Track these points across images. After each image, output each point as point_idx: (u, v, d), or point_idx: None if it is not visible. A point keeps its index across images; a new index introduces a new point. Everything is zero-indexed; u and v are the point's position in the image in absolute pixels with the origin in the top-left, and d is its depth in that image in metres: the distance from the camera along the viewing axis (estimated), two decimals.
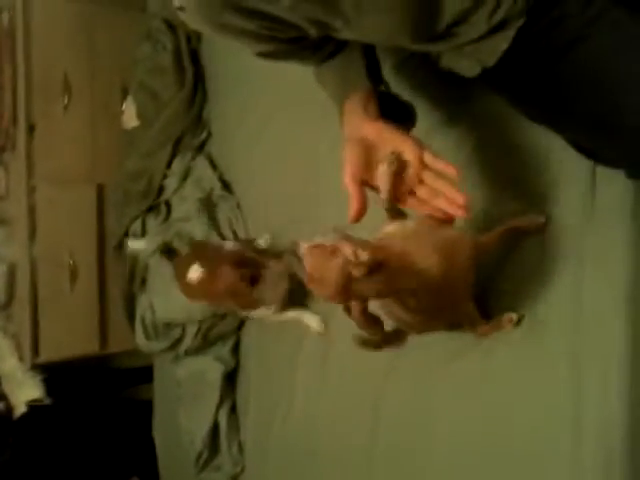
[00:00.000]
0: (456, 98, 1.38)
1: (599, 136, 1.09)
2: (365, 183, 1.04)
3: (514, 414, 1.25)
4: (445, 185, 1.03)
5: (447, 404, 1.38)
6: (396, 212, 1.10)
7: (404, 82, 1.38)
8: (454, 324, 1.30)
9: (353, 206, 1.01)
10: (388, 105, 1.11)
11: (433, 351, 1.39)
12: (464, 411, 1.34)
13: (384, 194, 1.04)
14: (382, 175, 1.02)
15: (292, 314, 1.79)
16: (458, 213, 1.02)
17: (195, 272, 1.65)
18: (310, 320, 1.76)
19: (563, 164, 1.20)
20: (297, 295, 1.79)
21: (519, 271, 1.26)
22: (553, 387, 1.19)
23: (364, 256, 0.94)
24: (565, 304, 1.19)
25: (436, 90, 1.39)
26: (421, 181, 1.04)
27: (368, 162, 1.04)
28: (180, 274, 1.83)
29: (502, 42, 1.07)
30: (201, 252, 1.84)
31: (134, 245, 2.10)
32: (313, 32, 1.01)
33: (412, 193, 1.06)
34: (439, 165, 1.03)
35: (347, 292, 0.98)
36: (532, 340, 1.23)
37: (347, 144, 1.06)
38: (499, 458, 1.26)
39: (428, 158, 1.02)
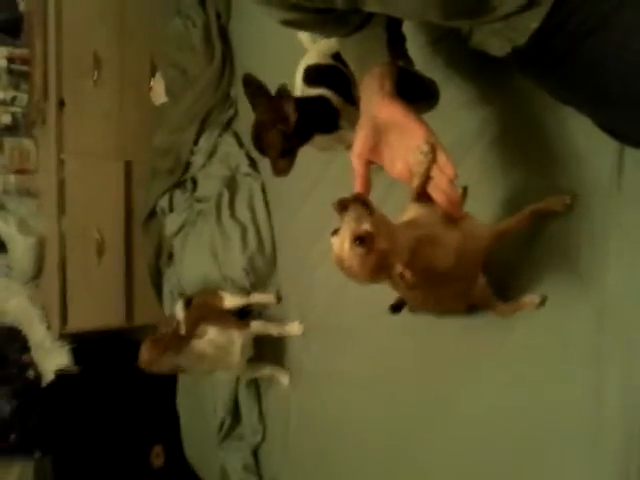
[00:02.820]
0: (486, 79, 1.38)
1: (627, 116, 1.09)
2: (371, 163, 1.04)
3: (533, 397, 1.25)
4: (442, 179, 1.03)
5: (465, 383, 1.39)
6: (423, 199, 1.09)
7: (436, 61, 1.38)
8: (472, 306, 1.32)
9: (357, 186, 1.02)
10: (409, 82, 1.10)
11: (452, 330, 1.40)
12: (481, 391, 1.35)
13: (417, 182, 1.03)
14: (419, 164, 1.01)
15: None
16: (455, 213, 1.03)
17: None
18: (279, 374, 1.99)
19: (590, 145, 1.20)
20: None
21: (543, 252, 1.26)
22: (574, 370, 1.18)
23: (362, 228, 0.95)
24: (589, 286, 1.18)
25: (466, 70, 1.39)
26: None
27: (377, 143, 1.04)
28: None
29: (533, 20, 1.07)
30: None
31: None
32: (340, 3, 1.00)
33: None
34: (442, 160, 1.02)
35: (377, 271, 0.98)
36: (554, 322, 1.23)
37: (360, 120, 1.06)
38: (517, 441, 1.27)
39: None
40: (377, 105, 1.04)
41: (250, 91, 1.38)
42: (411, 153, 1.01)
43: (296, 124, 1.35)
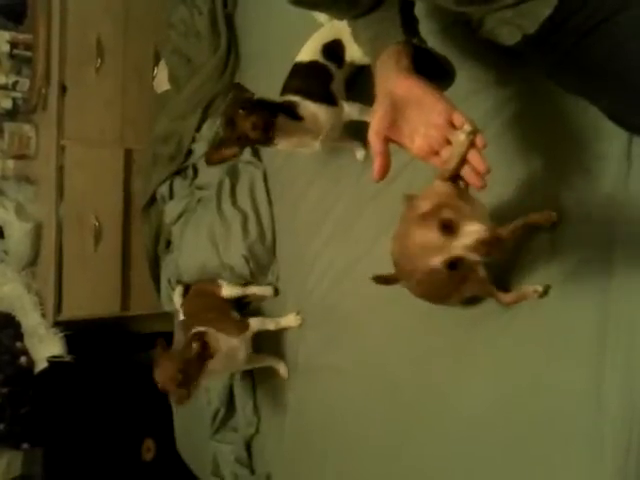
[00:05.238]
0: (497, 65, 1.37)
1: (635, 106, 1.08)
2: (389, 140, 1.02)
3: (532, 390, 1.25)
4: (472, 152, 0.99)
5: (463, 375, 1.39)
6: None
7: (447, 46, 1.36)
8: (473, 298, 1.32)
9: (377, 163, 1.00)
10: (425, 62, 1.08)
11: (456, 318, 1.40)
12: (480, 384, 1.35)
13: (451, 164, 0.99)
14: (460, 145, 0.97)
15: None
16: (477, 184, 0.99)
17: None
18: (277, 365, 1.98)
19: (599, 136, 1.20)
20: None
21: (550, 244, 1.25)
22: (576, 364, 1.18)
23: None
24: (595, 277, 1.18)
25: (477, 56, 1.38)
26: (448, 142, 1.00)
27: (395, 119, 1.01)
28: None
29: (545, 7, 1.07)
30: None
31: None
32: None
33: (437, 153, 1.02)
34: (461, 120, 0.98)
35: None
36: (556, 312, 1.23)
37: (377, 98, 1.03)
38: (515, 434, 1.27)
39: (457, 120, 0.98)
40: (394, 81, 1.01)
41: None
42: (432, 128, 0.99)
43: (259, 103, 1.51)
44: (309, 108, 1.56)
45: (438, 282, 1.19)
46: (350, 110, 1.59)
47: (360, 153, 1.69)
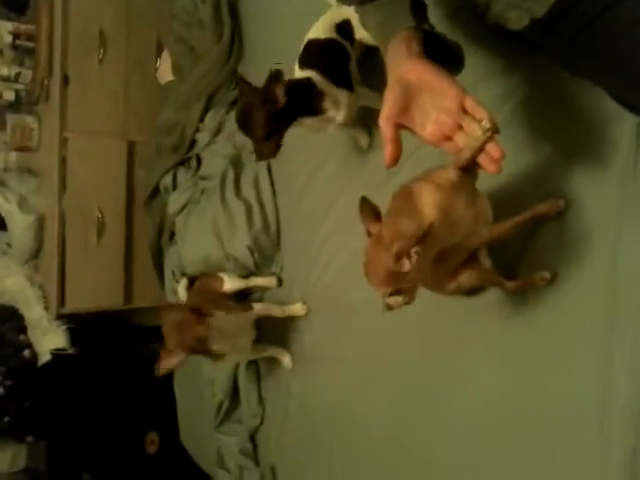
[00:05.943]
0: (505, 51, 1.36)
1: None
2: (401, 126, 1.01)
3: (538, 380, 1.23)
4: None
5: (469, 366, 1.38)
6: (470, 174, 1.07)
7: (454, 33, 1.33)
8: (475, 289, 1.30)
9: (388, 150, 0.99)
10: (434, 48, 1.07)
11: (463, 309, 1.38)
12: (485, 376, 1.34)
13: (467, 155, 1.00)
14: (475, 140, 0.98)
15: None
16: (491, 169, 1.00)
17: None
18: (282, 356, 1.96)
19: (608, 120, 1.18)
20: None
21: (558, 231, 1.24)
22: (583, 354, 1.16)
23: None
24: (601, 266, 1.16)
25: (485, 42, 1.36)
26: (460, 127, 1.00)
27: (406, 105, 1.00)
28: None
29: None
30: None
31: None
32: None
33: (449, 138, 1.01)
34: (480, 114, 0.98)
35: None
36: (563, 300, 1.21)
37: (388, 83, 1.02)
38: (520, 426, 1.26)
39: (470, 105, 0.98)
40: (406, 66, 1.00)
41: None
42: (444, 113, 0.98)
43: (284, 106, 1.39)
44: (331, 90, 1.48)
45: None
46: (365, 95, 1.54)
47: (364, 141, 1.67)
